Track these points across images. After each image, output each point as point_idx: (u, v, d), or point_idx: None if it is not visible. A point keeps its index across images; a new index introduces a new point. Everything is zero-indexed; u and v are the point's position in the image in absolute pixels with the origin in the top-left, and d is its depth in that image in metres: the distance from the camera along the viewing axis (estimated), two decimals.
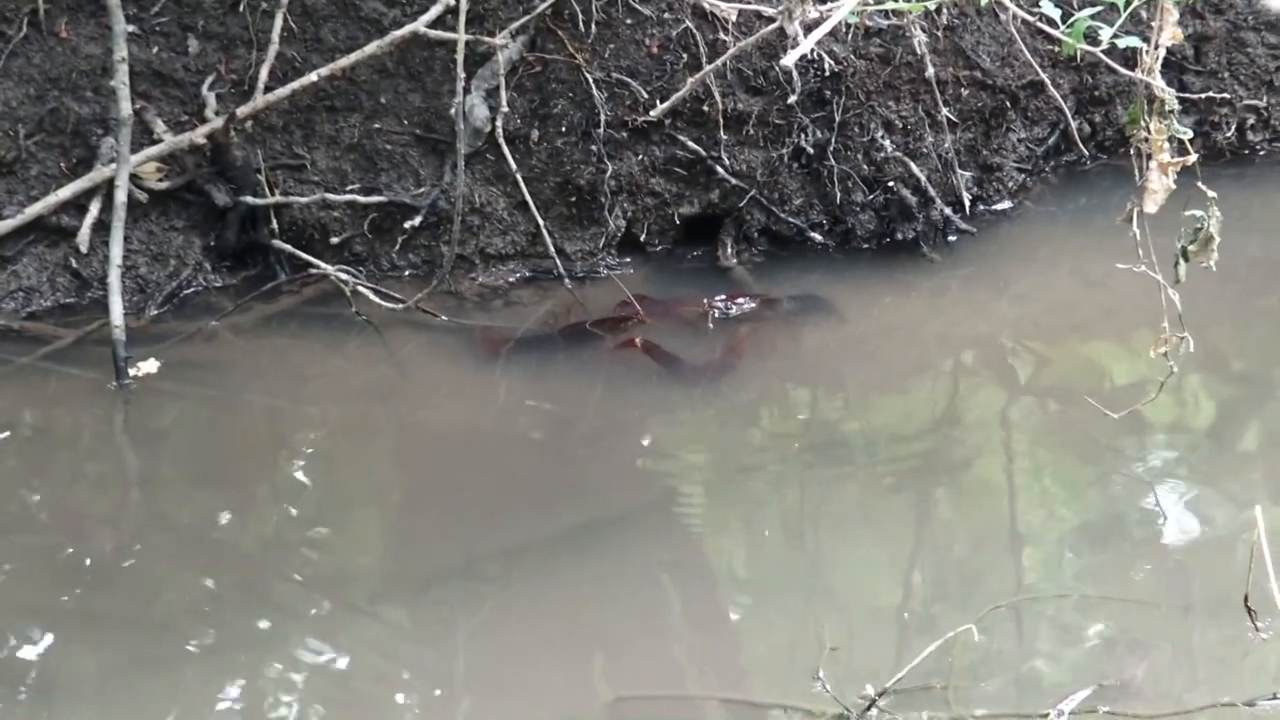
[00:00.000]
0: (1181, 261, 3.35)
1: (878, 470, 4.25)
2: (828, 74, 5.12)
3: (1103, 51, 3.18)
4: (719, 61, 4.08)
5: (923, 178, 5.25)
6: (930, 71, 5.22)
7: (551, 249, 5.02)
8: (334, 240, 5.05)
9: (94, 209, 4.84)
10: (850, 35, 5.17)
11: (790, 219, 5.26)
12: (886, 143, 5.23)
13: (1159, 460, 4.27)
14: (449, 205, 4.98)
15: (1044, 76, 5.39)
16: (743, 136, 5.15)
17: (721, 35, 5.07)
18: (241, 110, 4.86)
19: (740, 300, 4.91)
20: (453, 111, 4.88)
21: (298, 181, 5.05)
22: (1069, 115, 5.54)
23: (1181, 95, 4.06)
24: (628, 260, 5.21)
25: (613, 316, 4.82)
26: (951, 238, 5.33)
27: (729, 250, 5.24)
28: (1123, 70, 3.29)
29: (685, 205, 5.23)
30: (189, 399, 4.56)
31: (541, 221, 5.02)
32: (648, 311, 4.84)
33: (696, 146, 5.12)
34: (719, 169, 5.15)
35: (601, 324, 4.78)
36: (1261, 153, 5.87)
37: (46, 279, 4.85)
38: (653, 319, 4.81)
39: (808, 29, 2.97)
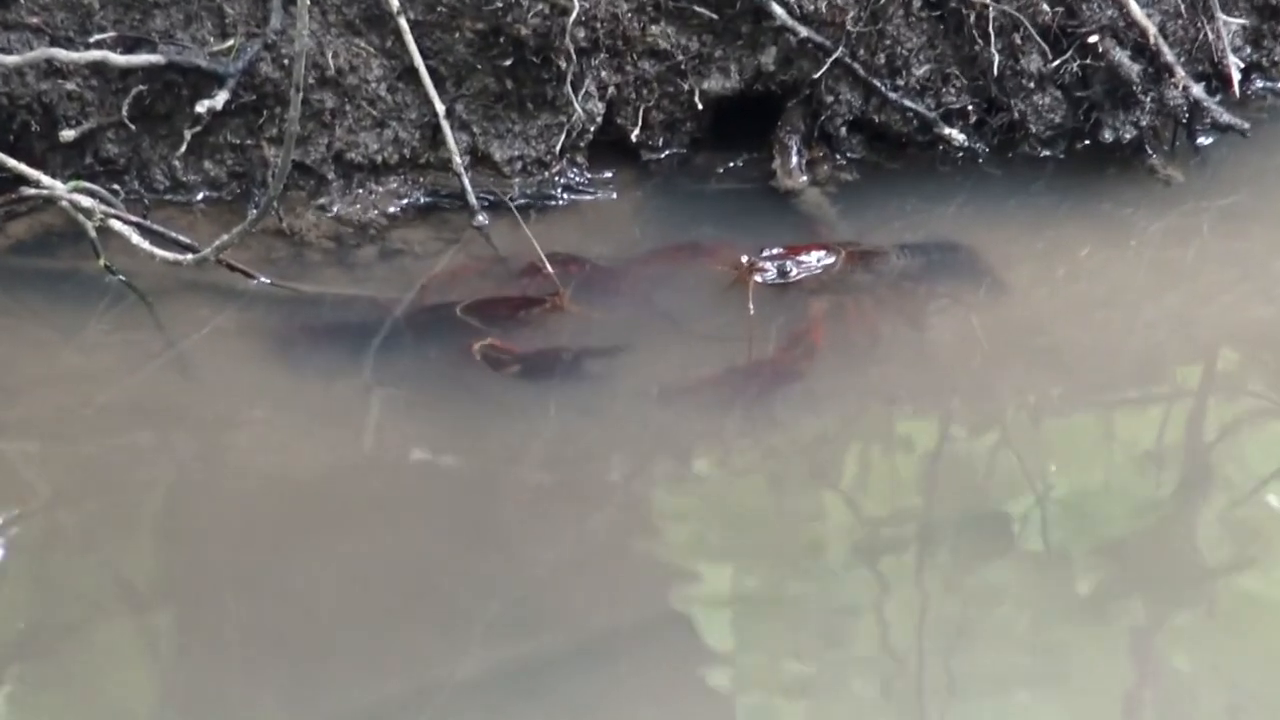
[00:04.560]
0: None
1: (1061, 572, 4.24)
2: None
3: None
4: None
5: (1152, 30, 5.26)
6: None
7: (456, 156, 5.08)
8: (67, 134, 5.09)
9: None
10: None
11: (907, 103, 5.31)
12: None
13: None
14: (280, 72, 5.02)
15: None
16: None
17: None
18: None
19: (811, 255, 4.94)
20: None
21: (1, 27, 5.09)
22: None
23: None
24: (608, 176, 5.28)
25: (525, 297, 4.85)
26: (1204, 140, 5.39)
27: (794, 160, 5.29)
28: None
29: (715, 77, 5.27)
30: None
31: (440, 108, 5.07)
32: (593, 273, 4.88)
33: None
34: (777, 9, 5.20)
35: (494, 306, 4.81)
36: None
37: None
38: (619, 291, 4.86)
39: None
